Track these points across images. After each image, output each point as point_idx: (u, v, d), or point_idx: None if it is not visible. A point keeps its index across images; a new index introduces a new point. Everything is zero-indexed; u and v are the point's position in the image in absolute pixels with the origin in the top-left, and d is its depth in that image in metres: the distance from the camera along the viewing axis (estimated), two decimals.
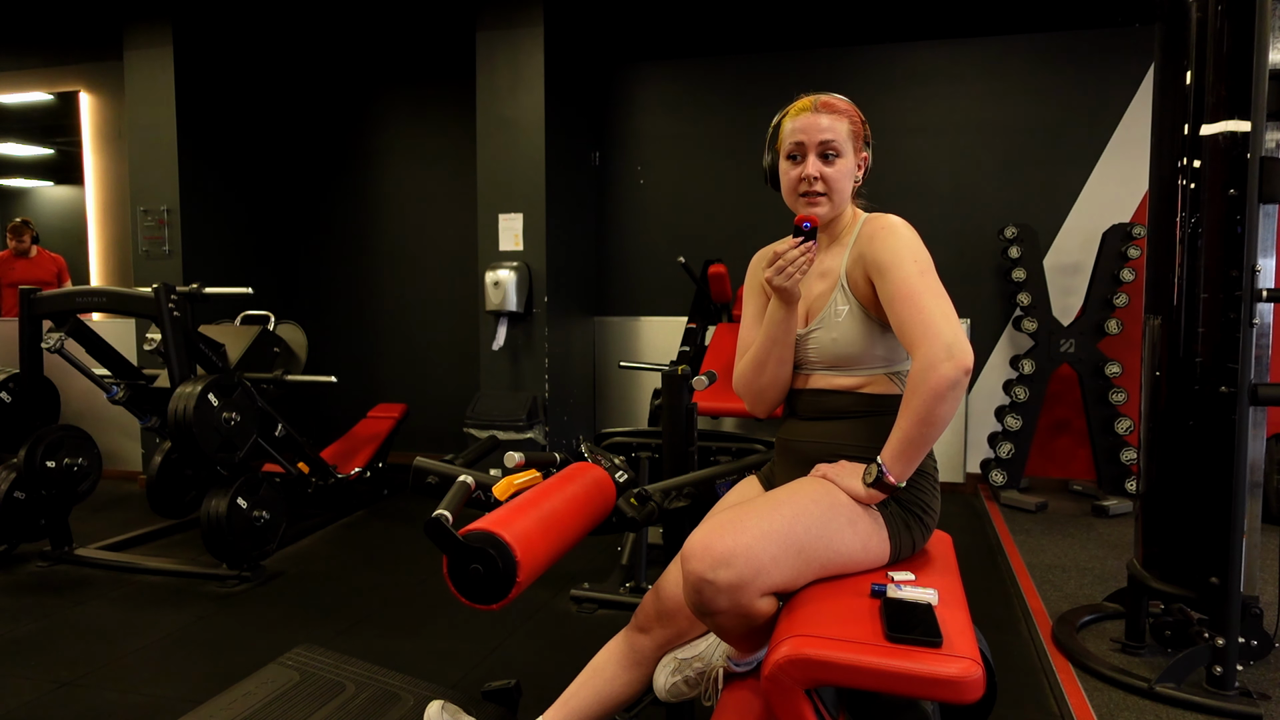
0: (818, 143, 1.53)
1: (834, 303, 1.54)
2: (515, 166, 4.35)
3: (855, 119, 1.57)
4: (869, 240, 1.51)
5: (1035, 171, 4.53)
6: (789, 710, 1.19)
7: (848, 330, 1.52)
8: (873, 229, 1.53)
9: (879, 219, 1.55)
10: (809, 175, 1.53)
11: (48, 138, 5.43)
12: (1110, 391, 4.20)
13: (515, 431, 4.20)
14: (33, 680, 2.43)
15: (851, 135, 1.55)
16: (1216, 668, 2.21)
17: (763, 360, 1.58)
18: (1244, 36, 2.18)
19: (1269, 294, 2.13)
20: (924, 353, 1.37)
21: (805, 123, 1.54)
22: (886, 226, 1.52)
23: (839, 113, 1.55)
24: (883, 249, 1.48)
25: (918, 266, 1.46)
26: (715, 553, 1.29)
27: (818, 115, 1.54)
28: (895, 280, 1.44)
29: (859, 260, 1.52)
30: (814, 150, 1.53)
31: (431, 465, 2.09)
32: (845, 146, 1.54)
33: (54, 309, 3.37)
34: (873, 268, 1.48)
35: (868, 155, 1.61)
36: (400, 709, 1.75)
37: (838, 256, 1.58)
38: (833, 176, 1.53)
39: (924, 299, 1.41)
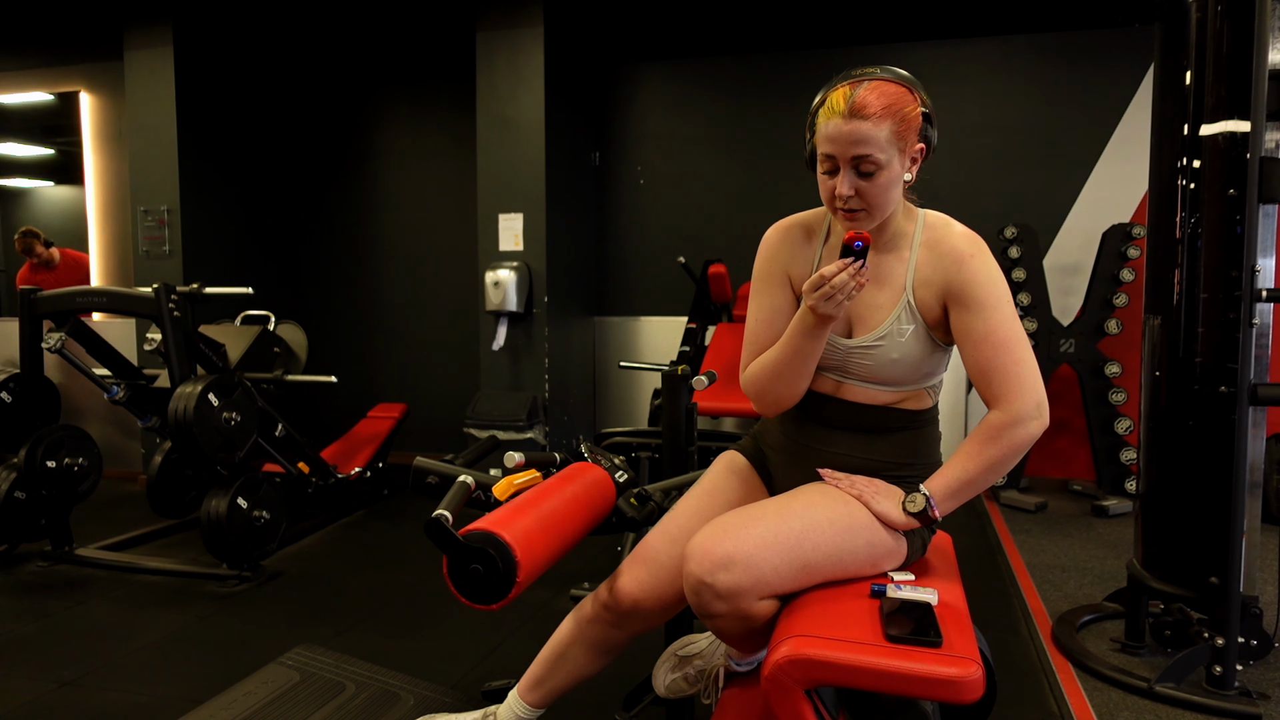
0: (850, 157, 1.31)
1: (897, 320, 1.39)
2: (515, 166, 4.35)
3: (901, 113, 1.31)
4: (953, 264, 1.36)
5: (1035, 171, 4.53)
6: (789, 710, 1.19)
7: (909, 351, 1.39)
8: (951, 248, 1.38)
9: (952, 232, 1.40)
10: (841, 195, 1.33)
11: (48, 138, 5.43)
12: (1110, 391, 4.20)
13: (515, 431, 4.20)
14: (33, 680, 2.43)
15: (895, 137, 1.31)
16: (1216, 667, 2.21)
17: (783, 372, 1.42)
18: (1244, 36, 2.17)
19: (1269, 294, 2.13)
20: (1015, 407, 1.32)
21: (834, 132, 1.31)
22: (973, 251, 1.36)
23: (877, 115, 1.29)
24: (974, 282, 1.34)
25: (1009, 307, 1.35)
26: (715, 556, 1.27)
27: (850, 123, 1.29)
28: (991, 323, 1.33)
29: (932, 280, 1.38)
30: (847, 165, 1.32)
31: (431, 465, 2.09)
32: (887, 154, 1.31)
33: (54, 309, 3.37)
34: (957, 298, 1.35)
35: (923, 146, 1.38)
36: (400, 709, 1.75)
37: (898, 265, 1.42)
38: (871, 193, 1.33)
39: (1019, 349, 1.33)
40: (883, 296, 1.41)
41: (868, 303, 1.42)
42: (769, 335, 1.48)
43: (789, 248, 1.49)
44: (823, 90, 1.37)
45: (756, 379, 1.47)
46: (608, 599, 1.51)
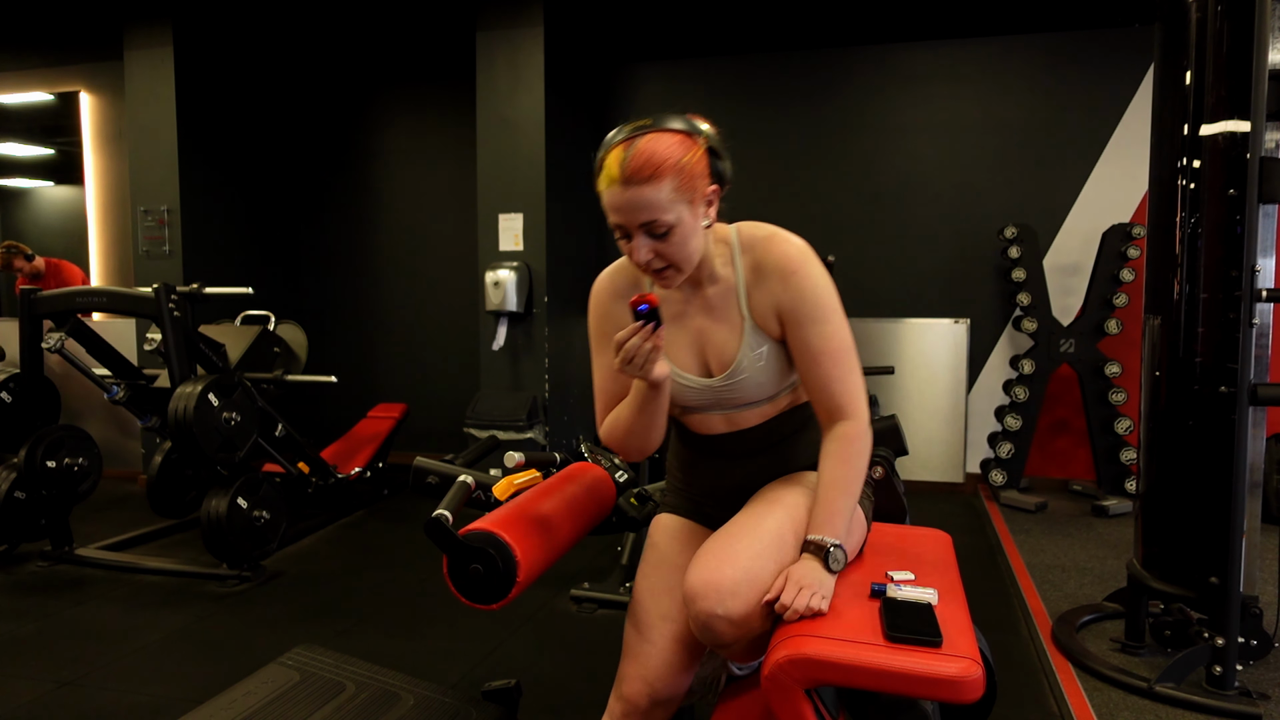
0: (638, 224, 1.26)
1: (748, 347, 1.38)
2: (515, 166, 4.35)
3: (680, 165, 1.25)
4: (779, 283, 1.34)
5: (1035, 171, 4.53)
6: (789, 710, 1.19)
7: (770, 368, 1.40)
8: (775, 267, 1.34)
9: (771, 250, 1.35)
10: (640, 261, 1.29)
11: (48, 138, 5.43)
12: (1110, 391, 4.20)
13: (515, 431, 4.20)
14: (33, 680, 2.43)
15: (679, 192, 1.25)
16: (1216, 667, 2.21)
17: (637, 430, 1.41)
18: (1244, 36, 2.18)
19: (1269, 294, 2.13)
20: (859, 414, 1.35)
21: (614, 201, 1.26)
22: (794, 267, 1.33)
23: (653, 178, 1.23)
24: (802, 298, 1.33)
25: (839, 316, 1.34)
26: (722, 585, 1.26)
27: (628, 190, 1.23)
28: (825, 335, 1.33)
29: (763, 301, 1.36)
30: (638, 231, 1.27)
31: (431, 465, 2.09)
32: (675, 212, 1.25)
33: (54, 309, 3.37)
34: (789, 315, 1.34)
35: (716, 186, 1.32)
36: (400, 709, 1.75)
37: (729, 296, 1.39)
38: (671, 251, 1.28)
39: (852, 358, 1.35)
40: (726, 330, 1.40)
41: (716, 341, 1.41)
42: (615, 390, 1.47)
43: (615, 303, 1.47)
44: (602, 147, 1.29)
45: (615, 435, 1.47)
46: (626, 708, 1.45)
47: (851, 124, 4.76)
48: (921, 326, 4.65)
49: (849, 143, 4.77)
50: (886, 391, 4.65)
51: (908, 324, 4.67)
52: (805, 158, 4.84)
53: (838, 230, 4.79)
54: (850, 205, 4.78)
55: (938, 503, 4.42)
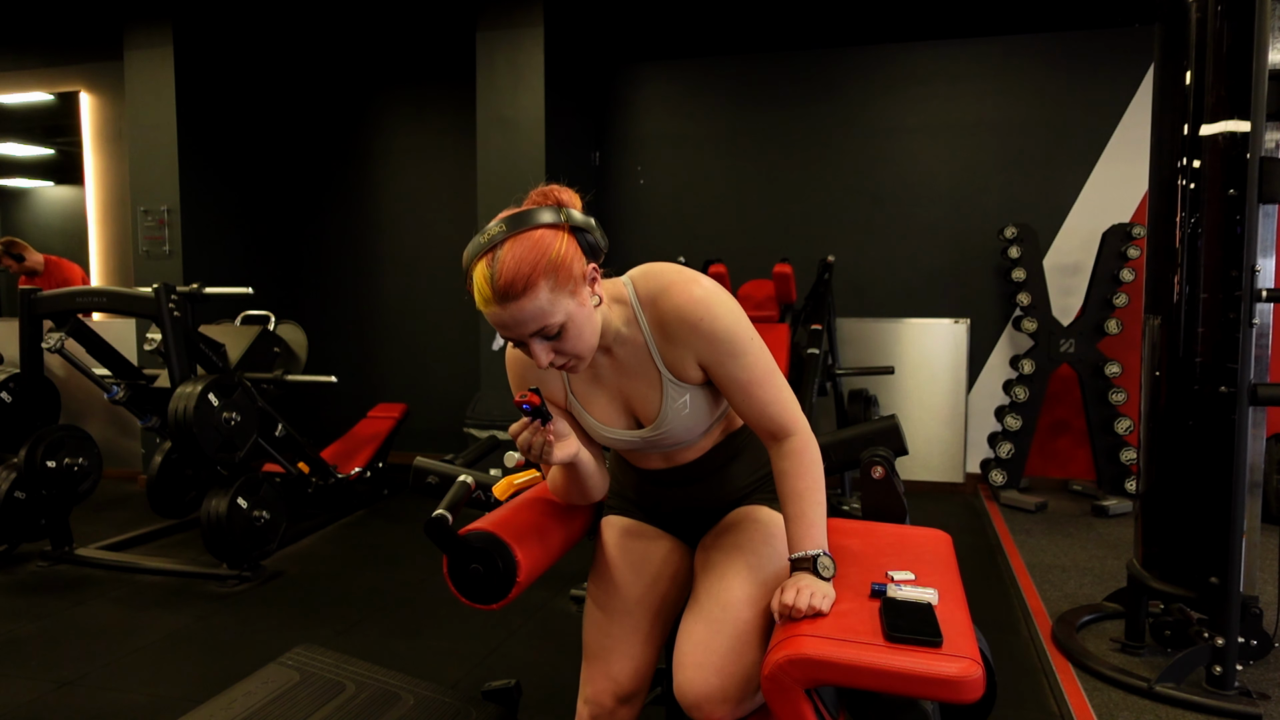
0: (528, 335, 1.21)
1: (669, 399, 1.36)
2: (515, 166, 4.35)
3: (551, 263, 1.17)
4: (689, 333, 1.30)
5: (1035, 171, 4.53)
6: (789, 710, 1.19)
7: (697, 412, 1.39)
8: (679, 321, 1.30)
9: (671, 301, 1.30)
10: (543, 364, 1.24)
11: (48, 138, 5.43)
12: (1110, 391, 4.20)
13: None
14: (33, 680, 2.43)
15: (558, 289, 1.18)
16: (1216, 667, 2.21)
17: (569, 493, 1.47)
18: (1244, 36, 2.18)
19: (1269, 294, 2.13)
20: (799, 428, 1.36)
21: (497, 320, 1.19)
22: (700, 314, 1.28)
23: (527, 289, 1.15)
24: (715, 341, 1.29)
25: (755, 342, 1.32)
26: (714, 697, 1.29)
27: (506, 309, 1.17)
28: (745, 367, 1.31)
29: (678, 354, 1.33)
30: (531, 339, 1.22)
31: (431, 465, 2.09)
32: (560, 312, 1.19)
33: (54, 309, 3.37)
34: (708, 359, 1.32)
35: (595, 265, 1.26)
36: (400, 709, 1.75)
37: (640, 354, 1.36)
38: (570, 346, 1.24)
39: (777, 377, 1.34)
40: (645, 386, 1.38)
41: (637, 396, 1.39)
42: None
43: (530, 371, 1.43)
44: (465, 258, 1.22)
45: (556, 494, 1.52)
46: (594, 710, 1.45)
47: (851, 124, 4.76)
48: (921, 326, 4.65)
49: (849, 143, 4.77)
50: (886, 391, 4.65)
51: (908, 324, 4.67)
52: (805, 158, 4.84)
53: (838, 230, 4.79)
54: (850, 205, 4.78)
55: (938, 503, 4.42)
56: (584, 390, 1.42)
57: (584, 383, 1.42)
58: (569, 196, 1.29)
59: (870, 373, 4.41)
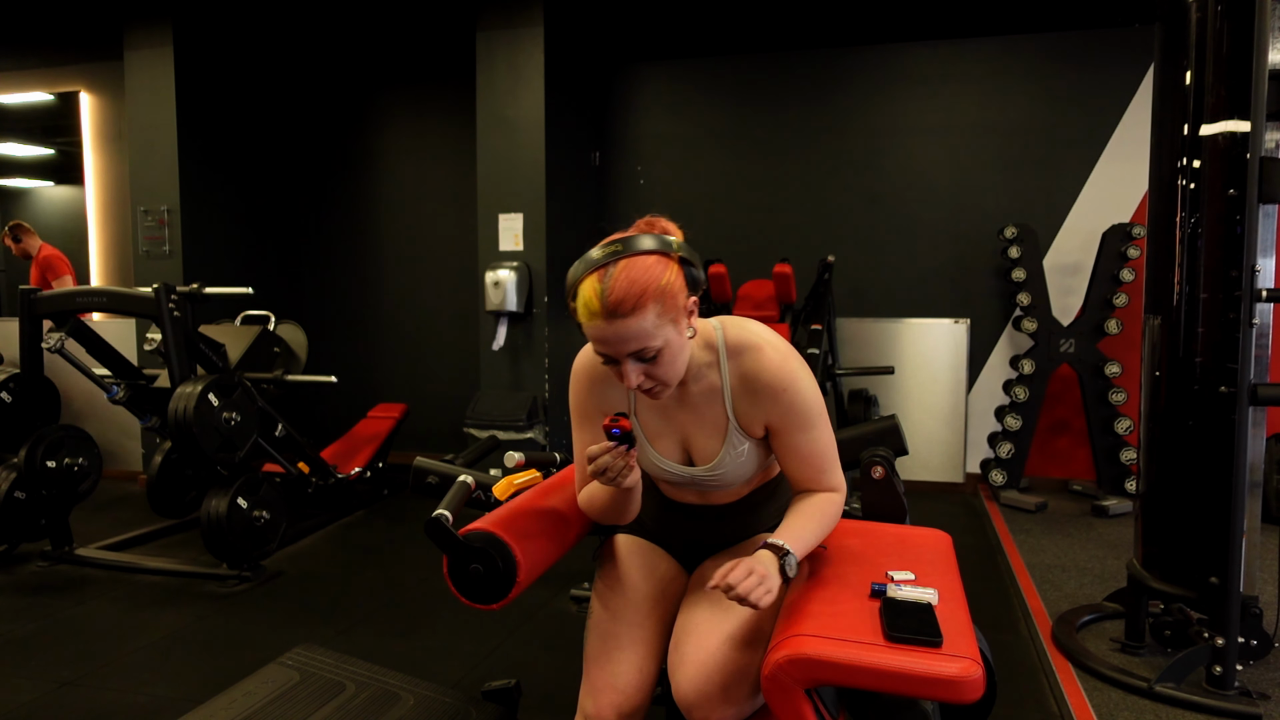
0: (626, 354, 1.24)
1: (730, 446, 1.41)
2: (515, 166, 4.35)
3: (660, 289, 1.21)
4: (770, 400, 1.35)
5: (1035, 171, 4.53)
6: (789, 710, 1.19)
7: (751, 462, 1.43)
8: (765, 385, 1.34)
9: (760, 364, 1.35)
10: (631, 386, 1.27)
11: (48, 138, 5.43)
12: (1110, 391, 4.20)
13: (515, 431, 4.20)
14: (33, 680, 2.43)
15: (663, 315, 1.22)
16: (1216, 668, 2.21)
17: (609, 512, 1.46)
18: (1244, 36, 2.18)
19: (1269, 294, 2.13)
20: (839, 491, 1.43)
21: (599, 334, 1.23)
22: (785, 384, 1.34)
23: (636, 309, 1.19)
24: (792, 412, 1.35)
25: (824, 418, 1.38)
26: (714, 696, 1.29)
27: (612, 325, 1.20)
28: (811, 441, 1.38)
29: (751, 412, 1.38)
30: (625, 359, 1.25)
31: (431, 465, 2.09)
32: (661, 336, 1.23)
33: (54, 309, 3.37)
34: (779, 426, 1.37)
35: (696, 298, 1.30)
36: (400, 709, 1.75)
37: (715, 403, 1.40)
38: (660, 372, 1.27)
39: (832, 454, 1.42)
40: (710, 429, 1.42)
41: (699, 437, 1.43)
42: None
43: (597, 387, 1.45)
44: (573, 274, 1.26)
45: (591, 510, 1.51)
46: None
47: (851, 124, 4.76)
48: (921, 326, 4.65)
49: (849, 143, 4.77)
50: (886, 391, 4.65)
51: (908, 324, 4.67)
52: (805, 158, 4.84)
53: (838, 230, 4.79)
54: (850, 205, 4.78)
55: (938, 503, 4.42)
56: (648, 419, 1.44)
57: (650, 411, 1.44)
58: (674, 229, 1.33)
59: (870, 373, 4.41)
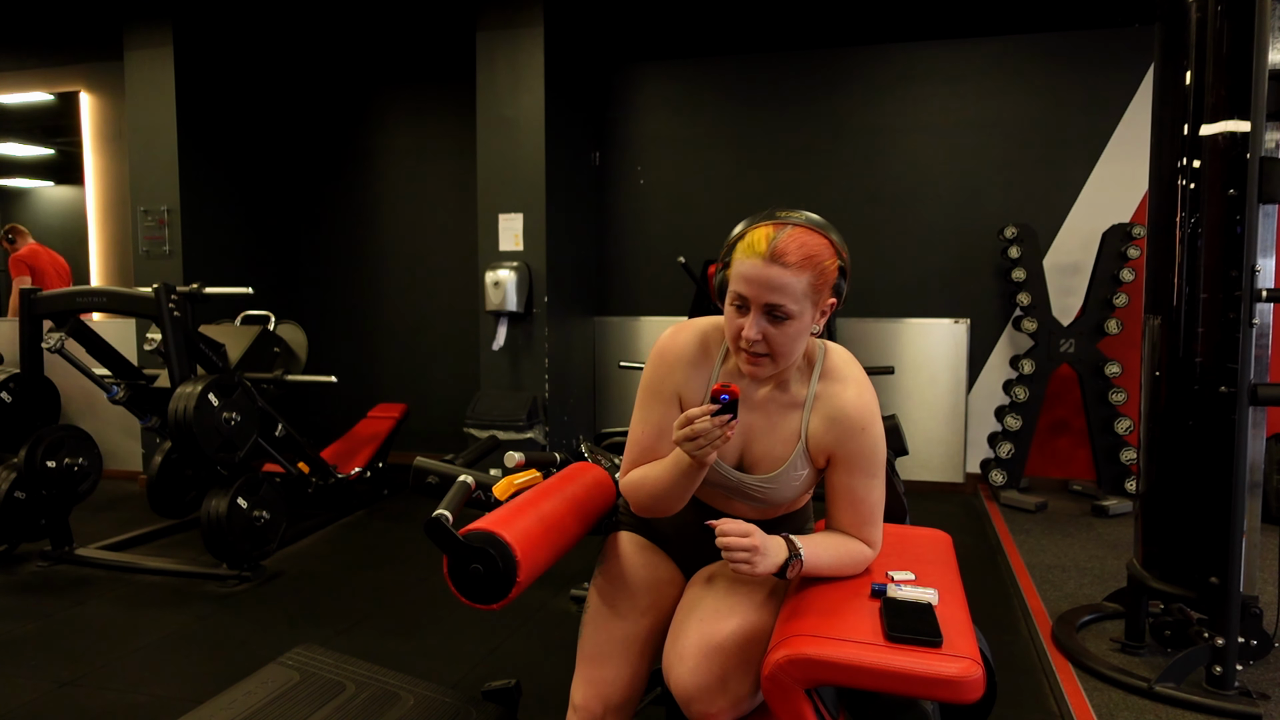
0: (763, 302, 1.27)
1: (793, 466, 1.41)
2: (515, 166, 4.35)
3: (821, 266, 1.29)
4: (844, 433, 1.37)
5: (1035, 171, 4.53)
6: (789, 710, 1.19)
7: (799, 488, 1.45)
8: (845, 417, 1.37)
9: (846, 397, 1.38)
10: (748, 337, 1.29)
11: (48, 138, 5.43)
12: (1110, 391, 4.20)
13: (515, 431, 4.20)
14: (33, 680, 2.43)
15: (811, 290, 1.28)
16: (1216, 668, 2.21)
17: (660, 497, 1.41)
18: (1244, 36, 2.18)
19: (1269, 294, 2.13)
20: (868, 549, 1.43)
21: (751, 272, 1.27)
22: (864, 424, 1.37)
23: (798, 265, 1.26)
24: (860, 455, 1.38)
25: (883, 471, 1.42)
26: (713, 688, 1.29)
27: (770, 267, 1.26)
28: (867, 488, 1.40)
29: (823, 440, 1.39)
30: (758, 309, 1.28)
31: (431, 465, 2.09)
32: (800, 305, 1.28)
33: (54, 309, 3.37)
34: (841, 463, 1.39)
35: (835, 301, 1.35)
36: (400, 709, 1.75)
37: (794, 416, 1.41)
38: (779, 341, 1.29)
39: (880, 508, 1.43)
40: (779, 441, 1.41)
41: (763, 444, 1.42)
42: (653, 447, 1.46)
43: (683, 368, 1.45)
44: (744, 223, 1.33)
45: (635, 491, 1.47)
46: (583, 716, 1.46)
47: (851, 124, 4.76)
48: (921, 326, 4.65)
49: (849, 143, 4.77)
50: (887, 391, 4.65)
51: (908, 324, 4.67)
52: (805, 158, 4.84)
53: (838, 230, 4.78)
54: (850, 205, 4.78)
55: (938, 503, 4.42)
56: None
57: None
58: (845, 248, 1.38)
59: (870, 373, 4.40)
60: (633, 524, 1.65)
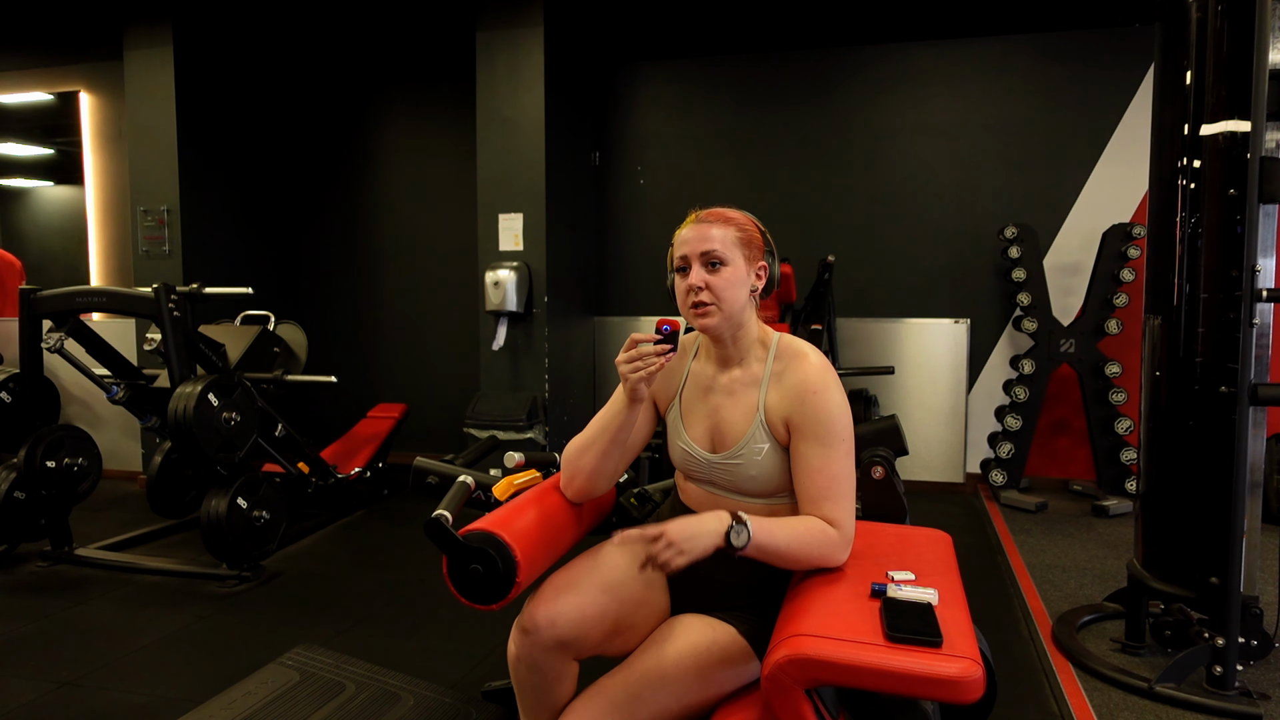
0: (700, 253, 1.49)
1: (752, 439, 1.49)
2: (515, 166, 4.35)
3: (744, 227, 1.53)
4: (797, 397, 1.46)
5: (1035, 171, 4.53)
6: (789, 710, 1.19)
7: (766, 467, 1.49)
8: (799, 381, 1.47)
9: (801, 365, 1.48)
10: (693, 285, 1.49)
11: (48, 138, 5.43)
12: (1110, 391, 4.20)
13: (515, 431, 4.20)
14: (33, 680, 2.43)
15: (740, 242, 1.51)
16: (1216, 668, 2.21)
17: (589, 442, 1.56)
18: (1244, 36, 2.18)
19: (1269, 294, 2.13)
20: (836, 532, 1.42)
21: (689, 233, 1.52)
22: (817, 388, 1.45)
23: (725, 221, 1.52)
24: (814, 419, 1.44)
25: (846, 445, 1.45)
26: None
27: (700, 225, 1.51)
28: (825, 458, 1.43)
29: (779, 406, 1.48)
30: (698, 260, 1.50)
31: (431, 465, 2.09)
32: (732, 254, 1.50)
33: (54, 309, 3.37)
34: (798, 429, 1.45)
35: (767, 265, 1.56)
36: (400, 709, 1.75)
37: (751, 388, 1.53)
38: (719, 285, 1.48)
39: (845, 485, 1.44)
40: (738, 414, 1.52)
41: (727, 419, 1.53)
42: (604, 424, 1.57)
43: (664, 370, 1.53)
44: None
45: (571, 447, 1.60)
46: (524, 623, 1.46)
47: (851, 124, 4.76)
48: (921, 326, 4.65)
49: (849, 143, 4.77)
50: (886, 391, 4.65)
51: (908, 324, 4.67)
52: (806, 157, 4.84)
53: (838, 230, 4.79)
54: (850, 205, 4.78)
55: (938, 503, 4.42)
56: (691, 401, 1.59)
57: (694, 395, 1.59)
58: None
59: (870, 373, 4.41)
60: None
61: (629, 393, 1.47)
